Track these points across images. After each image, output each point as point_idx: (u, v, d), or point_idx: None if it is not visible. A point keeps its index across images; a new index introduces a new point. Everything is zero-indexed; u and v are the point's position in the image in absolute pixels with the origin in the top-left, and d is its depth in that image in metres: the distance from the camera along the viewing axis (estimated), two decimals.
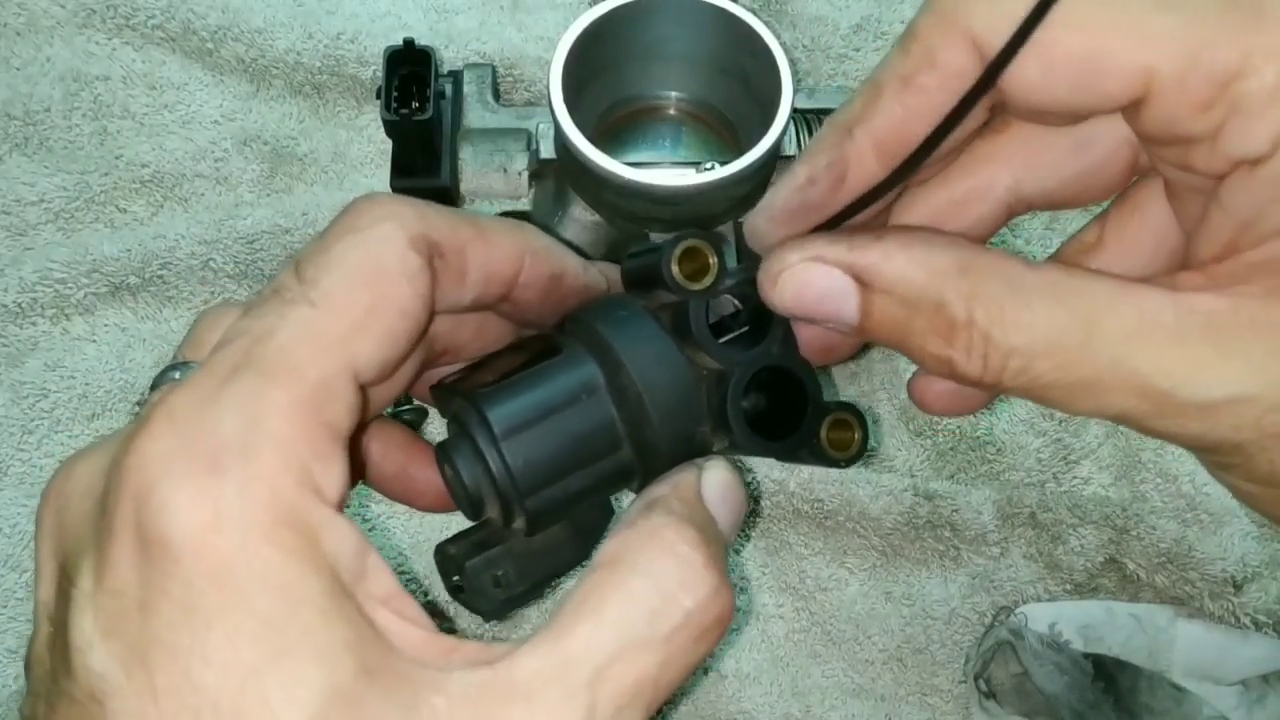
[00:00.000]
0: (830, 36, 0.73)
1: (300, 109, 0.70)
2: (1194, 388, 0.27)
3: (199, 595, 0.25)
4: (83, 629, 0.26)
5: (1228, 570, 0.60)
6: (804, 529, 0.62)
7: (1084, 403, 0.29)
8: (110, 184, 0.67)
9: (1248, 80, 0.26)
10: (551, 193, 0.59)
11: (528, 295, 0.35)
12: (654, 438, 0.33)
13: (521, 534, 0.34)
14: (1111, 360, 0.28)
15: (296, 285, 0.29)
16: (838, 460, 0.35)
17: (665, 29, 0.56)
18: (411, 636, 0.27)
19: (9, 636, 0.59)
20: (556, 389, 0.33)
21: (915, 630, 0.61)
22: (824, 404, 0.35)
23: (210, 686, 0.24)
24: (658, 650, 0.28)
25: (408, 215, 0.31)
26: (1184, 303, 0.28)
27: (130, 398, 0.63)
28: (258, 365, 0.27)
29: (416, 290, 0.30)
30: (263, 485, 0.26)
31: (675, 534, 0.30)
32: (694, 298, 0.33)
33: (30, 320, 0.64)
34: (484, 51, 0.70)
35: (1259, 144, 0.27)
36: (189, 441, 0.26)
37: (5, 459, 0.62)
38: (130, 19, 0.70)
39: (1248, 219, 0.28)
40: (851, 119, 0.30)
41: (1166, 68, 0.27)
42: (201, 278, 0.65)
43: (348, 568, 0.27)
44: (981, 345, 0.29)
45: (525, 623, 0.61)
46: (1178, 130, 0.28)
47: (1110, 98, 0.28)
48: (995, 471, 0.64)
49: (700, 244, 0.33)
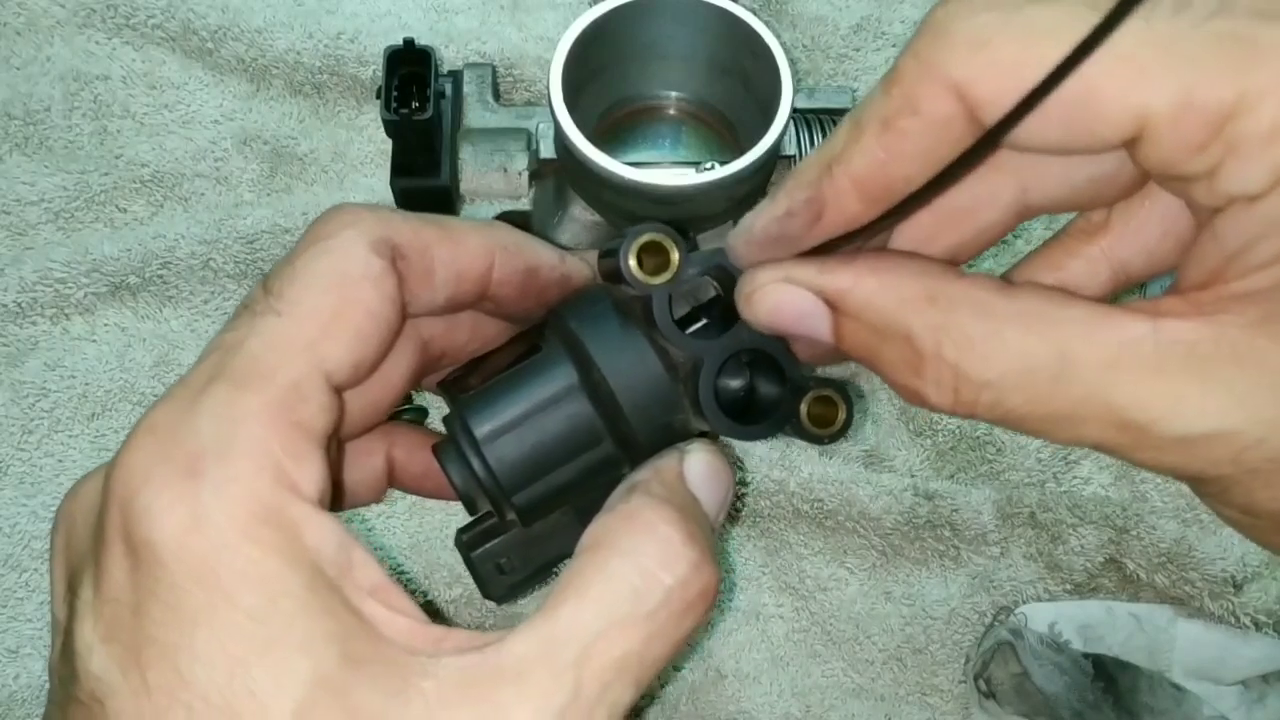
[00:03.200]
0: (830, 36, 0.73)
1: (300, 109, 0.70)
2: (1173, 422, 0.26)
3: (184, 594, 0.26)
4: (84, 635, 0.27)
5: (1228, 570, 0.60)
6: (804, 529, 0.62)
7: (1061, 433, 0.28)
8: (110, 184, 0.67)
9: (1243, 120, 0.25)
10: (551, 193, 0.59)
11: (505, 291, 0.35)
12: (630, 431, 0.34)
13: (518, 524, 0.36)
14: (1087, 393, 0.27)
15: (265, 299, 0.30)
16: (821, 437, 0.35)
17: (665, 29, 0.56)
18: (400, 625, 0.28)
19: (9, 636, 0.59)
20: (534, 390, 0.35)
21: (915, 630, 0.61)
22: (803, 380, 0.35)
23: (200, 681, 0.25)
24: (641, 627, 0.28)
25: (368, 221, 0.32)
26: (1165, 331, 0.27)
27: (130, 398, 0.63)
28: (229, 374, 0.28)
29: (381, 292, 0.31)
30: (239, 485, 0.27)
31: (653, 514, 0.30)
32: (655, 291, 0.34)
33: (30, 320, 0.64)
34: (484, 51, 0.70)
35: (1256, 183, 0.26)
36: (168, 450, 0.27)
37: (5, 459, 0.62)
38: (130, 19, 0.70)
39: (1238, 250, 0.27)
40: (832, 156, 0.29)
41: (1160, 110, 0.26)
42: (201, 277, 0.65)
43: (331, 560, 0.27)
44: (951, 379, 0.28)
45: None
46: (1174, 170, 0.27)
47: (1103, 140, 0.27)
48: (995, 471, 0.64)
49: (660, 237, 0.33)
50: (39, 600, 0.60)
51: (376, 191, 0.66)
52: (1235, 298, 0.27)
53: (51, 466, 0.62)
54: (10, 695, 0.58)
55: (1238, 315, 0.26)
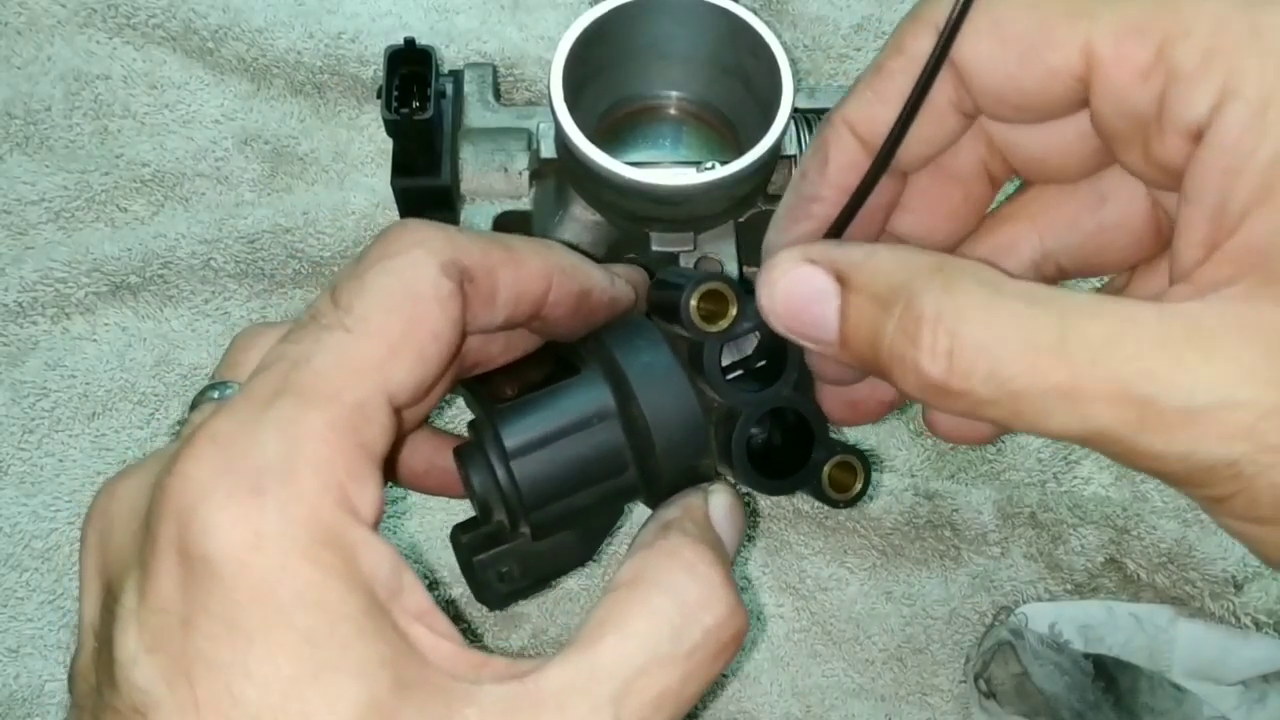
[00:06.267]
0: (831, 36, 0.73)
1: (301, 108, 0.70)
2: (1179, 391, 0.25)
3: (240, 612, 0.25)
4: (127, 644, 0.26)
5: (1228, 570, 0.60)
6: (804, 529, 0.62)
7: (1059, 415, 0.26)
8: (111, 183, 0.67)
9: (1180, 45, 0.26)
10: (552, 192, 0.59)
11: (557, 313, 0.35)
12: (657, 467, 0.35)
13: (527, 537, 0.36)
14: (1089, 362, 0.25)
15: (333, 311, 0.30)
16: (836, 501, 0.36)
17: (666, 28, 0.56)
18: (444, 651, 0.28)
19: (9, 636, 0.59)
20: (570, 412, 0.35)
21: (915, 630, 0.61)
22: (830, 444, 0.36)
23: (251, 700, 0.25)
24: (680, 665, 0.29)
25: (438, 241, 0.31)
26: (1168, 309, 0.26)
27: (130, 397, 0.63)
28: (296, 390, 0.28)
29: (448, 314, 0.31)
30: (302, 506, 0.26)
31: (693, 554, 0.31)
32: (709, 339, 0.34)
33: (31, 319, 0.64)
34: (485, 51, 0.70)
35: (1198, 109, 0.26)
36: (231, 464, 0.27)
37: (6, 458, 0.62)
38: (131, 18, 0.70)
39: (1214, 203, 0.26)
40: (833, 111, 0.32)
41: (1104, 38, 0.27)
42: (202, 277, 0.65)
43: (384, 585, 0.27)
44: (947, 341, 0.27)
45: (526, 621, 0.61)
46: (1124, 106, 0.28)
47: (1056, 74, 0.28)
48: (995, 471, 0.64)
49: (722, 287, 0.34)
50: (39, 600, 0.60)
51: (377, 191, 0.66)
52: (1230, 263, 0.26)
53: (52, 466, 0.62)
54: (10, 695, 0.58)
55: (1236, 283, 0.26)
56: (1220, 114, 0.26)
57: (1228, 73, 0.26)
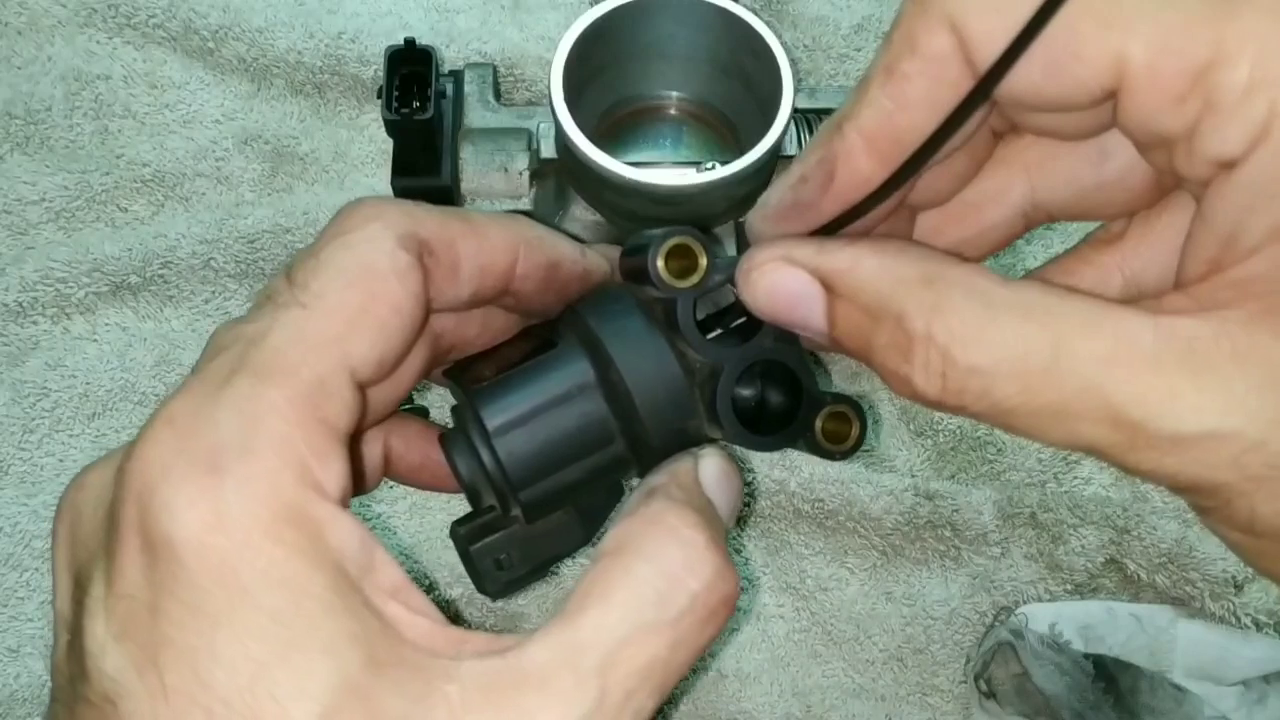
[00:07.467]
0: (831, 36, 0.73)
1: (301, 108, 0.70)
2: (1167, 419, 0.25)
3: (204, 595, 0.25)
4: (95, 633, 0.26)
5: (1229, 570, 0.60)
6: (804, 529, 0.62)
7: (1052, 431, 0.27)
8: (111, 183, 0.67)
9: (1221, 72, 0.25)
10: (552, 192, 0.59)
11: (526, 286, 0.35)
12: (644, 432, 0.34)
13: (522, 520, 0.35)
14: (1081, 385, 0.26)
15: (288, 290, 0.29)
16: (833, 453, 0.34)
17: (666, 29, 0.56)
18: (421, 627, 0.27)
19: (9, 636, 0.59)
20: (549, 386, 0.34)
21: (915, 630, 0.61)
22: (819, 396, 0.35)
23: (220, 683, 0.25)
24: (666, 633, 0.28)
25: (394, 214, 0.31)
26: (1165, 327, 0.26)
27: (131, 397, 0.63)
28: (253, 367, 0.27)
29: (407, 287, 0.30)
30: (262, 483, 0.26)
31: (677, 518, 0.30)
32: (681, 295, 0.33)
33: (31, 319, 0.64)
34: (485, 51, 0.70)
35: (1233, 145, 0.25)
36: (188, 444, 0.26)
37: (6, 458, 0.62)
38: (131, 18, 0.70)
39: (1229, 232, 0.26)
40: (842, 116, 0.30)
41: (1138, 55, 0.25)
42: (202, 277, 0.65)
43: (353, 561, 0.27)
44: (939, 363, 0.27)
45: (525, 621, 0.61)
46: (1154, 127, 0.26)
47: (1084, 86, 0.26)
48: (996, 471, 0.64)
49: (689, 240, 0.33)
50: (40, 600, 0.60)
51: (377, 191, 0.66)
52: (1234, 287, 0.26)
53: (52, 466, 0.62)
54: (11, 695, 0.58)
55: (1237, 309, 0.25)
56: (1255, 152, 0.25)
57: (1270, 109, 0.25)
